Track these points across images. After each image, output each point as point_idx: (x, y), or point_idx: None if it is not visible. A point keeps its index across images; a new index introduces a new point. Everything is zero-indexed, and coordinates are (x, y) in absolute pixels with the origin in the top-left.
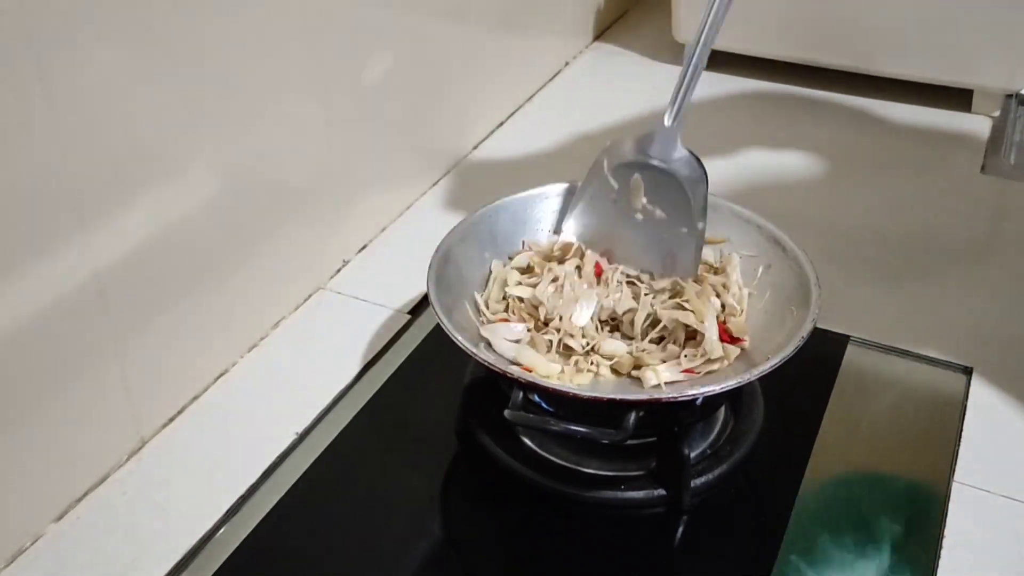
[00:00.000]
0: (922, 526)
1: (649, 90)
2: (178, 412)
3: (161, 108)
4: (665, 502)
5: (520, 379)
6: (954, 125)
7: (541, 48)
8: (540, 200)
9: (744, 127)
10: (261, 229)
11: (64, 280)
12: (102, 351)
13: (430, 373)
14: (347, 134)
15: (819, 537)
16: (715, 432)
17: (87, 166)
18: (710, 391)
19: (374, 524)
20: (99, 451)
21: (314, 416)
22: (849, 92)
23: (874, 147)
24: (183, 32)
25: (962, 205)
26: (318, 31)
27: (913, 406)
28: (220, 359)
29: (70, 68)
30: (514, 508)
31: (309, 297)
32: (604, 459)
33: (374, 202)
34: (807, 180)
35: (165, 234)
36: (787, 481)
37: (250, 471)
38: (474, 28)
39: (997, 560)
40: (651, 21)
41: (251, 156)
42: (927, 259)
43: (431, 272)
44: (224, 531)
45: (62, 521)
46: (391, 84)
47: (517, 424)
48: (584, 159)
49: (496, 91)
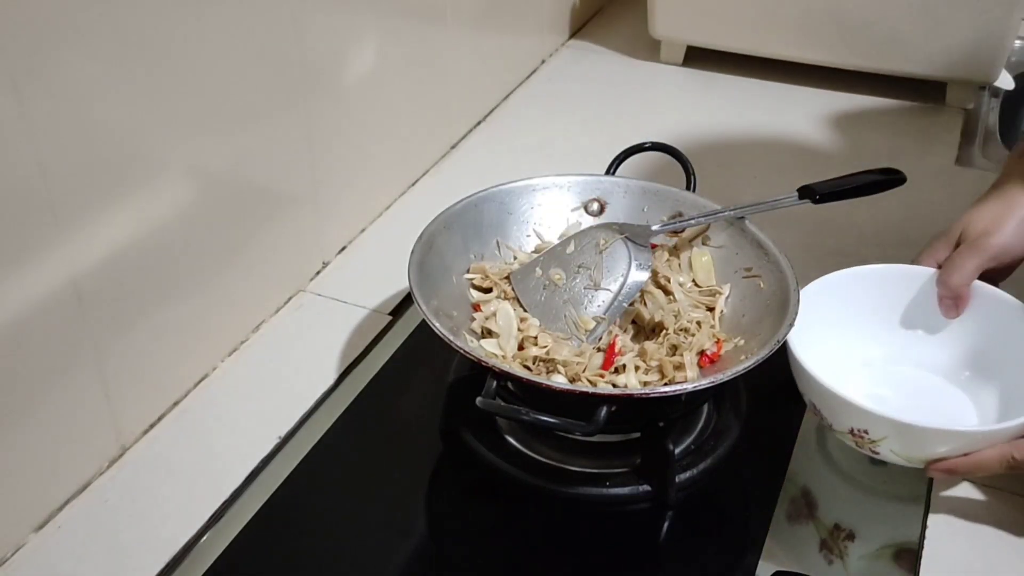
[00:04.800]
0: (905, 514)
1: (626, 87)
2: (159, 418)
3: (137, 112)
4: (650, 498)
5: (495, 368)
6: (928, 118)
7: (517, 46)
8: (527, 191)
9: (721, 121)
10: (240, 232)
11: (41, 285)
12: (81, 357)
13: (413, 373)
14: (325, 135)
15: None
16: (699, 427)
17: (62, 170)
18: (681, 390)
19: (360, 526)
20: (80, 459)
21: (297, 419)
22: (824, 86)
23: (850, 140)
24: (158, 36)
25: (937, 197)
26: (294, 33)
27: None
28: (201, 364)
29: (43, 72)
30: (499, 506)
31: (289, 300)
32: (589, 456)
33: (353, 203)
34: (784, 173)
35: (143, 238)
36: (771, 475)
37: (233, 476)
38: (450, 27)
39: (979, 546)
40: (627, 18)
41: (228, 158)
42: (903, 251)
43: (413, 258)
44: (208, 537)
45: (43, 531)
46: (368, 85)
47: (489, 412)
48: (563, 156)
49: (473, 90)
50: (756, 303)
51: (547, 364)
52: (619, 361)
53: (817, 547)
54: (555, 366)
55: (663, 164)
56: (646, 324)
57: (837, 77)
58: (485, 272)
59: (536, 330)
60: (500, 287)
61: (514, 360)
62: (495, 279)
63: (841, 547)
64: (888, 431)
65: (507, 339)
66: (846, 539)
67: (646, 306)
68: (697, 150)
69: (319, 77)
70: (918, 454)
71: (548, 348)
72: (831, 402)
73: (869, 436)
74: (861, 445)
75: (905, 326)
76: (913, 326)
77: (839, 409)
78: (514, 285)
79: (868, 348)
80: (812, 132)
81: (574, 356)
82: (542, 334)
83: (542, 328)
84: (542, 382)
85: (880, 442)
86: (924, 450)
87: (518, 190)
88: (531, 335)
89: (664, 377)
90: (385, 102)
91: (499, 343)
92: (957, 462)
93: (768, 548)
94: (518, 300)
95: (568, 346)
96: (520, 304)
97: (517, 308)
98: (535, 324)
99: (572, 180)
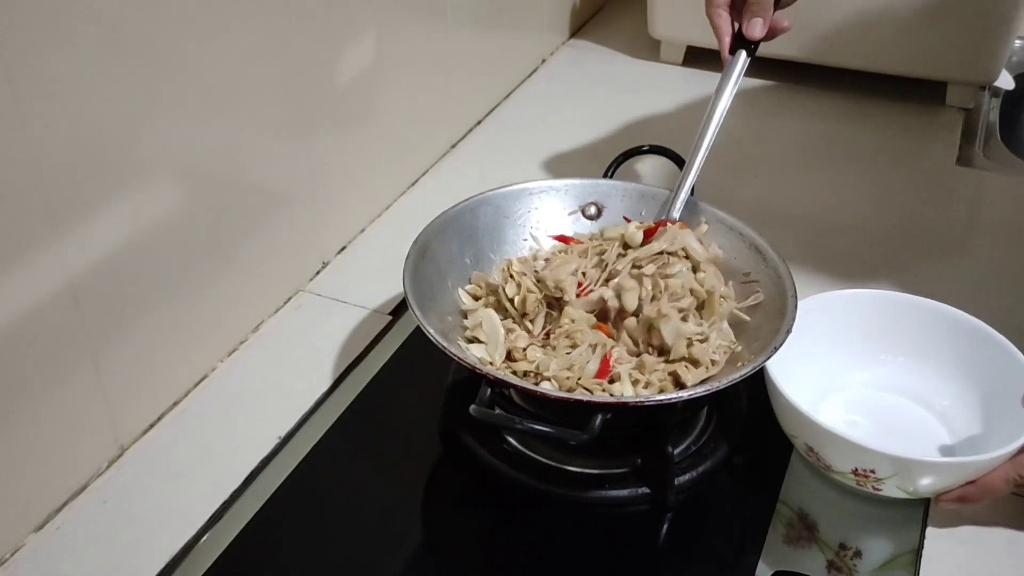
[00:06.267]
0: (904, 517)
1: (626, 86)
2: (157, 419)
3: (134, 113)
4: (650, 500)
5: (490, 375)
6: (928, 118)
7: (517, 45)
8: (523, 195)
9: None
10: (239, 232)
11: (38, 286)
12: (78, 358)
13: (412, 374)
14: (324, 135)
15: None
16: (698, 429)
17: (58, 172)
18: (676, 398)
19: (359, 527)
20: (78, 460)
21: (296, 420)
22: (824, 86)
23: (850, 140)
24: (156, 36)
25: (938, 197)
26: (292, 32)
27: None
28: (199, 364)
29: (39, 73)
30: (499, 508)
31: (288, 300)
32: (588, 458)
33: (352, 203)
34: (784, 174)
35: (140, 239)
36: (771, 477)
37: (232, 477)
38: (450, 27)
39: (979, 547)
40: (627, 17)
41: (227, 159)
42: (904, 251)
43: (408, 263)
44: (207, 538)
45: (42, 531)
46: (368, 84)
47: (482, 421)
48: (563, 155)
49: (473, 90)
50: (754, 308)
51: (537, 378)
52: (614, 370)
53: (825, 565)
54: (545, 380)
55: (662, 166)
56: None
57: (837, 77)
58: (486, 282)
59: (524, 341)
60: (486, 297)
61: (505, 369)
62: (489, 289)
63: (850, 565)
64: (897, 468)
65: (494, 346)
66: (854, 557)
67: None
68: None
69: (319, 77)
70: (926, 488)
71: (537, 363)
72: (830, 443)
73: (876, 475)
74: (863, 484)
75: (883, 352)
76: (892, 352)
77: (841, 449)
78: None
79: (843, 373)
80: (812, 132)
81: (563, 371)
82: (531, 348)
83: (530, 341)
84: (537, 390)
85: (886, 480)
86: (933, 484)
87: (514, 194)
88: (519, 346)
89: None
90: (385, 102)
91: (487, 350)
92: (966, 491)
93: (768, 548)
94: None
95: (557, 360)
96: (506, 313)
97: (507, 316)
98: (523, 336)
99: (569, 184)
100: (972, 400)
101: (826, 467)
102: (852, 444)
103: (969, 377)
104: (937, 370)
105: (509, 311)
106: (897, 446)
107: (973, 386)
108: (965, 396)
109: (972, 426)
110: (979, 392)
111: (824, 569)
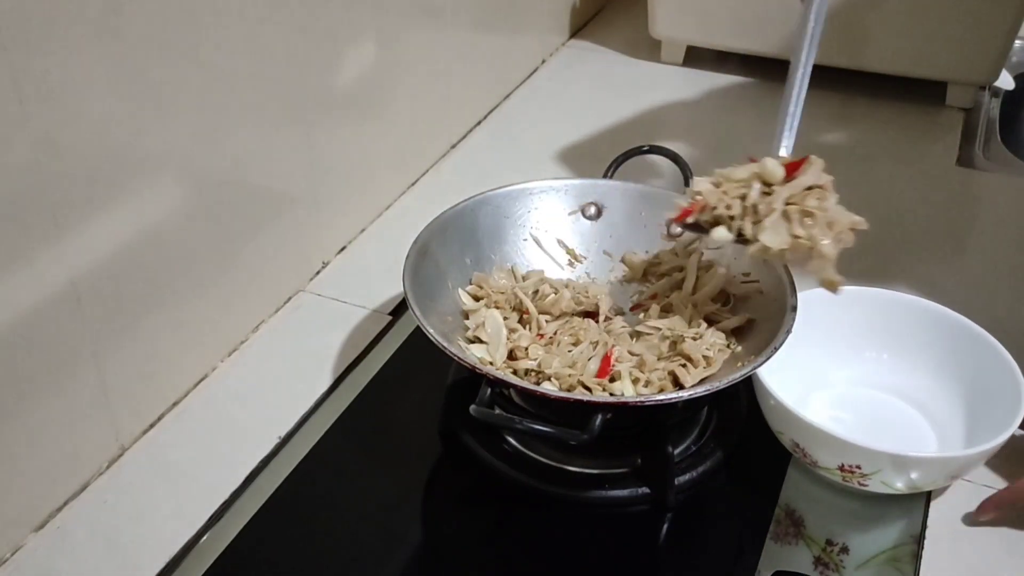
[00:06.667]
0: (892, 513)
1: (626, 87)
2: (158, 418)
3: (136, 113)
4: (650, 500)
5: (490, 375)
6: (929, 118)
7: (517, 46)
8: (523, 195)
9: (719, 122)
10: (239, 232)
11: (40, 286)
12: (80, 358)
13: (412, 374)
14: (324, 135)
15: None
16: (698, 429)
17: (61, 171)
18: (676, 398)
19: (359, 527)
20: (79, 459)
21: (296, 419)
22: (824, 86)
23: (849, 140)
24: (158, 37)
25: (937, 197)
26: (292, 33)
27: None
28: (200, 364)
29: (44, 74)
30: (499, 508)
31: (289, 300)
32: (588, 458)
33: (352, 203)
34: None
35: (142, 239)
36: (771, 476)
37: (232, 476)
38: (450, 27)
39: (979, 546)
40: (627, 18)
41: (228, 158)
42: (904, 251)
43: (407, 263)
44: (207, 537)
45: (42, 531)
46: (367, 84)
47: (482, 421)
48: (563, 155)
49: (473, 90)
50: (754, 308)
51: (539, 376)
52: (614, 368)
53: (812, 561)
54: (546, 378)
55: (662, 166)
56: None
57: (837, 77)
58: (487, 283)
59: (527, 340)
60: (490, 297)
61: (506, 368)
62: (489, 290)
63: (837, 560)
64: (884, 464)
65: (496, 347)
66: (840, 552)
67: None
68: (697, 150)
69: (319, 77)
70: (912, 484)
71: (539, 360)
72: (817, 439)
73: (861, 471)
74: (850, 480)
75: (868, 348)
76: (876, 349)
77: (827, 445)
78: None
79: (829, 370)
80: (812, 132)
81: (565, 368)
82: (533, 346)
83: (533, 340)
84: (537, 389)
85: (872, 476)
86: (918, 479)
87: (514, 194)
88: (522, 345)
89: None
90: (385, 102)
91: (488, 350)
92: (999, 498)
93: (768, 549)
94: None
95: (559, 358)
96: (512, 309)
97: (510, 315)
98: (525, 335)
99: (569, 184)
100: (956, 395)
101: (813, 463)
102: (838, 440)
103: (953, 373)
104: (921, 366)
105: (525, 306)
106: (882, 442)
107: (957, 382)
108: (949, 392)
109: (956, 421)
110: (963, 387)
111: (811, 565)
